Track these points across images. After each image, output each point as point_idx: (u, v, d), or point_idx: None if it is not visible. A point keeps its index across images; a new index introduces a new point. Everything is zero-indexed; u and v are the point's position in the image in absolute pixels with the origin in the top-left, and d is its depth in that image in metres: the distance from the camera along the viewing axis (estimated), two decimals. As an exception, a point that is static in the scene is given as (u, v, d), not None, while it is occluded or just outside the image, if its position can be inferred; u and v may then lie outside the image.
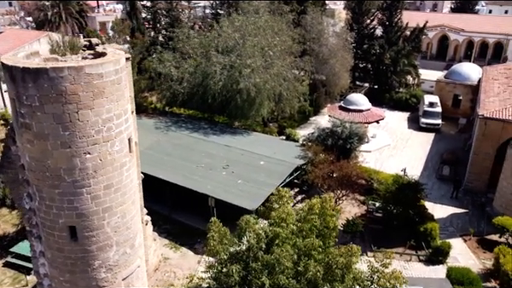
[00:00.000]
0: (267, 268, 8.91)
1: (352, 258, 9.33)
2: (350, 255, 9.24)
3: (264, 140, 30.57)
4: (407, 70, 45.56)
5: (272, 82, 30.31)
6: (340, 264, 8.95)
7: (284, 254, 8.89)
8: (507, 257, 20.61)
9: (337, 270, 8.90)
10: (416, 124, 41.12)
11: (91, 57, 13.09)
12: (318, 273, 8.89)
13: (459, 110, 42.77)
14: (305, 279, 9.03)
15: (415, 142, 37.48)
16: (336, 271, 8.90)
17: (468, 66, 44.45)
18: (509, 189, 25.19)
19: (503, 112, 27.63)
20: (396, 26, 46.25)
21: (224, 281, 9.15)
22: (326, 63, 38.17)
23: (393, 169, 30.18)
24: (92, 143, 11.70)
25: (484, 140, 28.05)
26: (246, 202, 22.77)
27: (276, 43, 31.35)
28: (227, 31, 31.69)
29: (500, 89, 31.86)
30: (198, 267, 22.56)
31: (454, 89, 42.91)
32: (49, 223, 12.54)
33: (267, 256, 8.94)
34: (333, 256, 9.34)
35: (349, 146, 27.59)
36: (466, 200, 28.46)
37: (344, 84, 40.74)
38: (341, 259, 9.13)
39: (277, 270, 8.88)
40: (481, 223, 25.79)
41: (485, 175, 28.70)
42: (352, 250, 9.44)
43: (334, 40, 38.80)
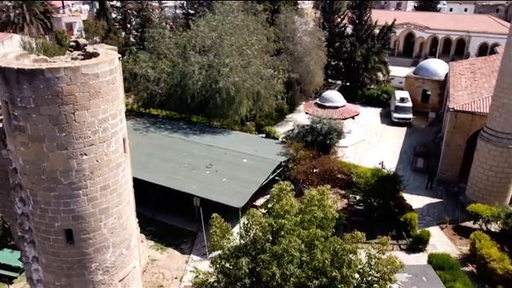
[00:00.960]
0: (276, 259, 9.19)
1: (358, 244, 9.77)
2: (355, 241, 9.66)
3: (244, 138, 30.80)
4: (378, 67, 46.94)
5: (251, 80, 30.58)
6: (346, 250, 9.35)
7: (293, 244, 9.21)
8: (482, 242, 21.74)
9: (344, 256, 9.29)
10: (388, 119, 42.44)
11: (81, 58, 12.93)
12: (326, 261, 9.25)
13: (428, 104, 44.45)
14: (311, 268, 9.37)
15: (388, 137, 38.70)
16: (343, 257, 9.29)
17: (435, 62, 46.24)
18: (480, 178, 26.51)
19: (471, 104, 29.04)
20: (366, 25, 47.53)
21: (234, 274, 9.34)
22: (301, 61, 38.80)
23: (370, 162, 31.16)
24: (89, 144, 11.60)
25: (455, 132, 29.38)
26: (232, 200, 22.96)
27: (253, 42, 31.62)
28: (204, 30, 31.68)
29: (467, 84, 33.42)
30: (186, 266, 22.57)
31: (423, 84, 44.56)
32: (44, 227, 12.32)
33: (276, 247, 9.21)
34: (339, 244, 9.74)
35: (329, 142, 28.27)
36: (440, 190, 29.73)
37: (318, 82, 41.54)
38: (348, 246, 9.54)
39: (285, 260, 9.18)
40: (456, 211, 27.03)
41: (457, 166, 30.08)
42: (356, 237, 9.86)
43: (308, 39, 39.46)
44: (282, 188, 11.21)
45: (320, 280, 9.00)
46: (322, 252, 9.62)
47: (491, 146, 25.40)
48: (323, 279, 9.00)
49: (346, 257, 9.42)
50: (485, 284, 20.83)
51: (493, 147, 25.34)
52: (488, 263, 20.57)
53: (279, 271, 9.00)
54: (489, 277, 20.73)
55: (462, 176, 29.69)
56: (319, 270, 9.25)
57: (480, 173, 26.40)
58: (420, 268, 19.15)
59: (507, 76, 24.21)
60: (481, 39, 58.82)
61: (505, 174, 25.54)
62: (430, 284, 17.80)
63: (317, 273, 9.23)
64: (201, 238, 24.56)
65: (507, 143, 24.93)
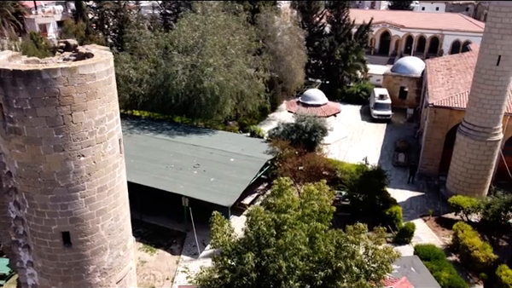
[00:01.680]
0: (281, 252, 9.39)
1: (361, 235, 10.09)
2: (358, 232, 9.97)
3: (229, 137, 30.90)
4: (357, 65, 47.81)
5: (235, 80, 30.70)
6: (350, 241, 9.64)
7: (298, 237, 9.43)
8: (465, 232, 22.58)
9: (348, 247, 9.58)
10: (368, 116, 43.34)
11: (74, 58, 12.79)
12: (331, 252, 9.52)
13: (406, 101, 45.63)
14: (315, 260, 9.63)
15: (369, 133, 39.55)
16: (347, 248, 9.58)
17: (411, 59, 47.48)
18: (460, 171, 27.46)
19: (449, 100, 30.03)
20: (344, 24, 48.31)
21: (241, 268, 9.48)
22: (282, 60, 39.17)
23: (353, 159, 31.81)
24: (86, 145, 11.50)
25: (434, 127, 30.31)
26: (221, 199, 23.06)
27: (236, 42, 31.75)
28: (186, 30, 31.58)
29: (444, 80, 34.52)
30: (177, 267, 22.54)
31: (400, 81, 45.69)
32: (40, 231, 12.12)
33: (281, 241, 9.41)
34: (342, 235, 10.03)
35: (314, 140, 28.69)
36: (421, 184, 30.64)
37: (300, 81, 42.02)
38: (351, 237, 9.83)
39: (291, 253, 9.39)
40: (437, 204, 27.93)
41: (437, 160, 31.05)
42: (359, 228, 10.17)
43: (288, 38, 39.86)
44: (282, 184, 11.43)
45: (325, 272, 9.25)
46: (325, 244, 9.93)
47: (470, 139, 26.34)
48: (329, 271, 9.27)
49: (350, 248, 9.72)
50: (469, 272, 21.65)
51: (472, 141, 26.28)
52: (471, 252, 21.37)
53: (285, 264, 9.22)
54: (472, 265, 21.55)
55: (442, 170, 30.69)
56: (323, 262, 9.52)
57: (460, 166, 27.34)
58: (408, 260, 19.69)
59: (483, 72, 25.15)
60: (454, 37, 60.70)
61: (483, 166, 26.53)
62: (419, 274, 18.36)
63: (321, 264, 9.49)
64: (190, 238, 24.58)
65: (484, 137, 25.91)
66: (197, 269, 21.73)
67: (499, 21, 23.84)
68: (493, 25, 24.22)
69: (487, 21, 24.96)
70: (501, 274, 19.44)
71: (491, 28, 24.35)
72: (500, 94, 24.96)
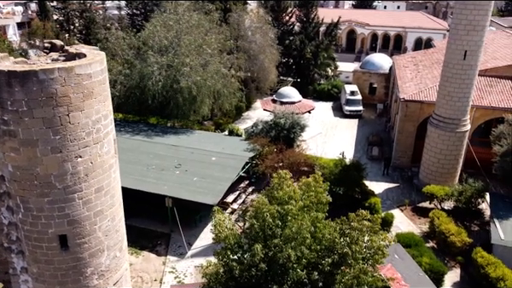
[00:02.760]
0: (288, 242, 9.70)
1: (364, 222, 10.55)
2: (360, 219, 10.42)
3: (208, 137, 30.93)
4: (327, 62, 48.88)
5: (212, 79, 30.74)
6: (353, 228, 10.07)
7: (305, 226, 9.76)
8: (441, 219, 23.70)
9: (353, 233, 10.02)
10: (340, 112, 44.42)
11: (63, 59, 12.61)
12: (336, 239, 9.92)
13: (375, 97, 47.08)
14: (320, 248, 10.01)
15: (342, 128, 40.56)
16: (352, 234, 10.01)
17: (379, 56, 49.03)
18: (432, 161, 28.73)
19: (419, 94, 31.33)
20: (313, 22, 49.23)
21: (250, 260, 9.71)
22: (255, 59, 39.50)
23: (329, 154, 32.60)
24: (83, 146, 11.40)
25: (406, 120, 31.54)
26: (206, 198, 23.11)
27: (212, 41, 31.80)
28: (160, 30, 31.32)
29: (412, 75, 35.94)
30: (164, 268, 22.42)
31: (369, 78, 47.10)
32: (36, 235, 11.89)
33: (287, 230, 9.72)
34: (345, 223, 10.46)
35: (292, 136, 29.19)
36: (395, 175, 31.81)
37: (273, 79, 42.47)
38: (355, 223, 10.27)
39: (298, 242, 9.72)
40: (412, 194, 29.10)
41: (410, 152, 32.33)
42: (361, 215, 10.63)
43: (261, 37, 40.25)
44: (281, 177, 11.74)
45: (332, 258, 9.65)
46: (330, 232, 10.35)
47: (440, 131, 27.63)
48: (335, 257, 9.67)
49: (355, 234, 10.16)
50: (446, 256, 22.73)
51: (442, 132, 27.57)
52: (448, 238, 22.48)
53: (294, 253, 9.54)
54: (449, 250, 22.66)
55: (414, 161, 31.97)
56: (328, 249, 9.92)
57: (432, 157, 28.60)
58: (391, 248, 20.45)
59: (451, 67, 26.43)
60: (416, 34, 63.10)
61: (454, 156, 27.88)
62: (402, 260, 19.16)
63: (326, 251, 9.88)
64: (176, 238, 24.49)
65: (454, 128, 27.25)
66: (185, 269, 22.12)
67: (464, 18, 25.14)
68: (459, 21, 25.50)
69: (453, 18, 26.27)
70: (476, 257, 20.55)
71: (457, 25, 25.64)
72: (467, 87, 26.32)
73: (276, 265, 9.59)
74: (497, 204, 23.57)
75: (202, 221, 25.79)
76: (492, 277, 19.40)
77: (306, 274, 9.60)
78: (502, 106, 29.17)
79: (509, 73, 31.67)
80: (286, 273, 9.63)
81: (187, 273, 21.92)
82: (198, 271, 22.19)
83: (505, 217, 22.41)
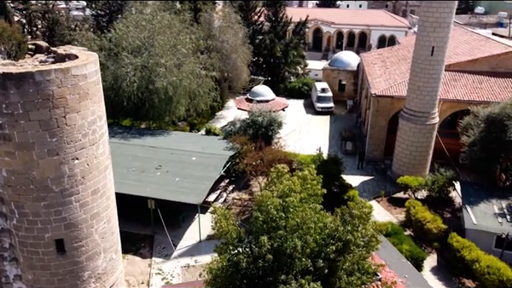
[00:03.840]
0: (294, 232, 10.03)
1: (364, 209, 11.03)
2: (361, 207, 10.91)
3: (186, 137, 30.84)
4: (297, 61, 49.69)
5: (187, 79, 30.65)
6: (354, 216, 10.53)
7: (309, 216, 10.12)
8: (417, 208, 24.80)
9: (355, 220, 10.48)
10: (312, 109, 45.31)
11: (52, 60, 12.40)
12: (339, 227, 10.35)
13: (344, 93, 48.34)
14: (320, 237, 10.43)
15: (315, 125, 41.42)
16: (355, 221, 10.47)
17: (347, 54, 50.34)
18: (404, 153, 29.93)
19: (389, 89, 32.55)
20: (282, 21, 49.88)
21: (257, 251, 9.96)
22: (228, 58, 39.64)
23: (306, 150, 33.31)
24: (80, 148, 11.27)
25: (378, 115, 32.69)
26: (190, 197, 23.13)
27: (187, 41, 31.69)
28: (133, 30, 30.88)
29: (381, 72, 37.23)
30: (150, 270, 22.24)
31: (338, 75, 48.30)
32: (31, 241, 11.63)
33: (293, 221, 10.05)
34: (346, 211, 10.91)
35: (271, 133, 29.60)
36: (370, 168, 32.90)
37: (245, 78, 42.75)
38: (355, 211, 10.74)
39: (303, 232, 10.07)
40: (386, 185, 30.21)
41: (382, 145, 33.51)
42: (362, 203, 11.13)
43: (233, 36, 40.44)
44: (279, 171, 12.07)
45: (336, 245, 10.06)
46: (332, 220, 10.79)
47: (412, 124, 28.85)
48: (339, 244, 10.09)
49: (357, 221, 10.62)
50: (423, 243, 23.82)
51: (413, 125, 28.80)
52: (424, 225, 23.57)
53: (300, 242, 9.88)
54: (425, 237, 23.77)
55: (386, 154, 33.20)
56: (331, 237, 10.33)
57: (404, 149, 29.81)
58: (373, 237, 21.31)
59: (420, 62, 27.67)
60: (380, 32, 65.14)
61: (424, 148, 29.18)
62: (385, 248, 19.92)
63: (330, 239, 10.29)
64: (159, 240, 24.34)
65: (424, 121, 28.53)
66: (172, 270, 22.06)
67: (431, 16, 26.39)
68: (426, 19, 26.75)
69: (420, 16, 27.51)
70: (452, 241, 21.73)
71: (425, 22, 26.88)
72: (435, 81, 27.63)
73: (284, 255, 9.90)
74: (467, 192, 24.92)
75: (185, 222, 25.77)
76: (468, 259, 20.59)
77: (311, 262, 9.97)
78: (466, 98, 30.80)
79: (471, 68, 33.44)
80: (292, 263, 9.96)
81: (174, 274, 21.85)
82: (185, 271, 22.27)
83: (475, 203, 23.76)
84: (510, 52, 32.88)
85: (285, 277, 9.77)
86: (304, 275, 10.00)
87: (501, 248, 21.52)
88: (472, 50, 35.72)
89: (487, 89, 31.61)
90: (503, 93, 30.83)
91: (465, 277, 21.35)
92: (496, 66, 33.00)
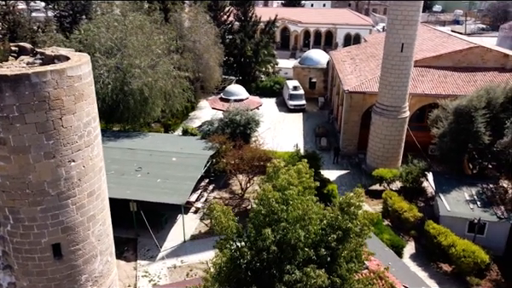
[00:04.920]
0: (296, 223, 10.36)
1: (360, 198, 11.51)
2: (357, 196, 11.37)
3: (163, 138, 30.65)
4: (268, 59, 50.22)
5: (163, 80, 30.44)
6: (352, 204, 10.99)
7: (310, 207, 10.47)
8: (393, 199, 25.81)
9: (352, 209, 10.93)
10: (284, 107, 45.98)
11: (40, 62, 12.13)
12: (339, 217, 10.77)
13: (315, 91, 49.33)
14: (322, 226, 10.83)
15: (289, 123, 42.10)
16: (353, 210, 10.93)
17: (316, 52, 51.36)
18: (378, 147, 31.02)
19: (361, 86, 33.59)
20: (251, 21, 50.25)
21: (261, 244, 10.21)
22: (200, 58, 39.60)
23: (283, 147, 33.83)
24: (76, 149, 11.12)
25: (351, 110, 33.67)
26: (174, 198, 23.09)
27: (161, 41, 31.44)
28: (105, 31, 30.31)
29: (351, 69, 38.32)
30: (136, 273, 22.01)
31: (309, 73, 49.22)
32: (27, 247, 11.35)
33: (295, 213, 10.37)
34: (344, 200, 11.34)
35: (249, 132, 29.89)
36: (345, 163, 33.85)
37: (218, 78, 42.83)
38: (353, 200, 11.19)
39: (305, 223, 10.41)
40: (362, 178, 31.20)
41: (355, 140, 34.55)
42: (357, 192, 11.60)
43: (205, 36, 40.41)
44: (275, 165, 12.37)
45: (337, 234, 10.48)
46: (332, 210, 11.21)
47: (384, 118, 29.94)
48: (339, 233, 10.51)
49: (356, 209, 11.09)
50: (400, 232, 24.82)
51: (386, 119, 29.90)
52: (401, 215, 24.58)
53: (303, 233, 10.23)
54: (403, 226, 24.78)
55: (360, 148, 34.28)
56: (331, 226, 10.74)
57: (377, 142, 30.89)
58: (355, 228, 22.03)
59: (390, 59, 28.76)
60: (346, 30, 66.86)
61: (397, 141, 30.35)
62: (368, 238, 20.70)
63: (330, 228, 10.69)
64: (143, 242, 24.13)
65: (396, 115, 29.68)
66: (158, 271, 21.97)
67: (400, 14, 27.51)
68: (395, 17, 27.84)
69: (390, 14, 28.59)
70: (429, 229, 22.81)
71: (394, 20, 27.97)
72: (405, 76, 28.82)
73: (287, 246, 10.22)
74: (439, 181, 26.19)
75: (168, 223, 25.65)
76: (444, 245, 21.69)
77: (314, 252, 10.34)
78: (433, 92, 32.28)
79: (436, 63, 35.05)
80: (295, 253, 10.30)
81: (161, 275, 21.76)
82: (172, 271, 22.19)
83: (447, 192, 25.03)
84: (471, 48, 34.73)
85: (290, 267, 10.08)
86: (306, 264, 10.35)
87: (473, 232, 22.76)
88: (436, 47, 37.43)
89: (452, 83, 33.24)
90: (466, 86, 32.52)
91: (442, 261, 22.47)
92: (458, 62, 34.75)
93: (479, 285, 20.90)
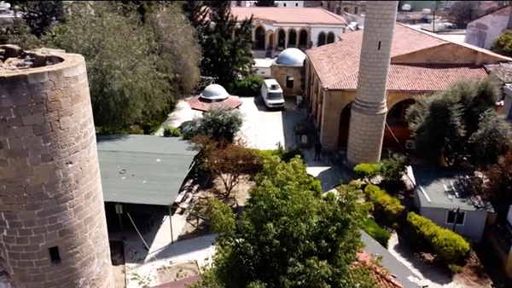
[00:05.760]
0: (298, 216, 10.63)
1: (358, 190, 11.88)
2: (353, 188, 11.75)
3: (146, 139, 30.38)
4: (245, 59, 50.39)
5: (143, 81, 30.15)
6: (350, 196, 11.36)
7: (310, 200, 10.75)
8: (376, 193, 26.53)
9: (352, 201, 11.30)
10: (263, 106, 46.29)
11: (30, 64, 11.94)
12: (338, 208, 11.10)
13: (293, 89, 49.89)
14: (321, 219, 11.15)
15: (269, 121, 42.44)
16: (351, 201, 11.29)
17: (293, 51, 51.90)
18: (358, 143, 31.75)
19: (339, 83, 34.28)
20: (228, 20, 50.29)
21: (263, 239, 10.41)
22: (179, 59, 39.37)
23: (265, 145, 34.13)
24: (73, 151, 11.03)
25: (330, 108, 34.31)
26: (161, 199, 22.97)
27: (141, 42, 31.11)
28: (82, 32, 29.73)
29: (329, 67, 39.01)
30: (125, 276, 21.79)
31: (286, 71, 49.72)
32: (24, 251, 11.17)
33: (296, 206, 10.64)
34: (343, 193, 11.68)
35: (232, 131, 30.01)
36: (326, 159, 34.46)
37: (196, 78, 42.70)
38: (351, 192, 11.56)
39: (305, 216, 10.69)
40: (343, 174, 31.85)
41: (335, 137, 35.23)
42: (354, 184, 11.95)
43: (182, 37, 40.20)
44: (271, 161, 12.61)
45: (337, 225, 10.81)
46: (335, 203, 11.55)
47: (364, 115, 30.68)
48: (339, 224, 10.84)
49: (354, 201, 11.46)
50: (383, 224, 25.54)
51: (365, 116, 30.65)
52: (384, 207, 25.30)
53: (304, 225, 10.51)
54: (385, 218, 25.51)
55: (340, 145, 34.98)
56: (330, 218, 11.07)
57: (357, 138, 31.62)
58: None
59: (368, 56, 29.50)
60: (320, 29, 67.83)
61: (376, 136, 31.16)
62: (354, 231, 21.25)
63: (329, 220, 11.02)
64: (130, 245, 23.90)
65: (375, 111, 30.47)
66: (147, 273, 21.85)
67: (377, 12, 28.26)
68: (372, 15, 28.59)
69: (367, 13, 29.33)
70: (411, 220, 23.60)
71: (371, 19, 28.71)
72: (383, 73, 29.63)
73: (289, 239, 10.48)
74: (418, 174, 27.09)
75: (154, 225, 25.48)
76: (427, 235, 22.51)
77: (315, 244, 10.64)
78: (409, 88, 33.31)
79: (410, 60, 36.15)
80: (297, 246, 10.57)
81: (150, 277, 21.63)
82: (161, 273, 22.09)
83: (427, 184, 25.93)
84: (443, 45, 36.03)
85: (293, 259, 10.35)
86: (307, 256, 10.64)
87: (452, 222, 23.71)
88: (409, 44, 38.60)
89: (426, 79, 34.40)
90: (439, 82, 33.72)
91: (424, 251, 23.29)
92: (431, 58, 35.97)
93: (460, 271, 21.81)
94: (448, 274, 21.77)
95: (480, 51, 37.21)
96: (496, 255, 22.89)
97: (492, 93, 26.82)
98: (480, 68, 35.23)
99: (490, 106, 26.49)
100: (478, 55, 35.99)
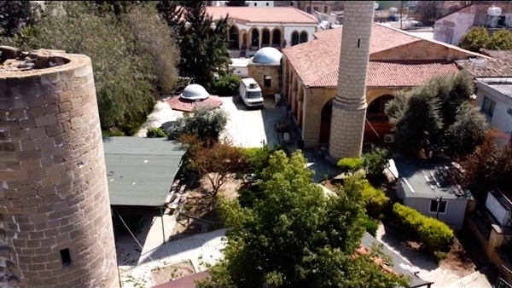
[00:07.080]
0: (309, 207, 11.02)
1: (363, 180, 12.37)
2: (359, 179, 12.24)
3: (130, 141, 30.07)
4: (222, 59, 50.47)
5: (125, 82, 29.81)
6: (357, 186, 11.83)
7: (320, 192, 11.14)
8: (361, 185, 27.29)
9: (359, 190, 11.79)
10: (242, 105, 46.56)
11: (33, 65, 11.80)
12: (346, 198, 11.55)
13: (271, 88, 50.39)
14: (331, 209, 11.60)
15: (249, 120, 42.75)
16: (358, 191, 11.77)
17: (269, 50, 52.38)
18: (340, 138, 32.54)
19: (320, 81, 35.00)
20: (203, 20, 50.23)
21: (277, 230, 10.72)
22: (157, 59, 39.07)
23: (250, 144, 34.43)
24: (84, 152, 11.00)
25: (312, 105, 34.97)
26: (152, 200, 22.87)
27: (122, 42, 30.72)
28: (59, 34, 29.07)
29: (307, 65, 39.71)
30: (120, 278, 21.50)
31: (263, 70, 50.17)
32: (35, 255, 11.04)
33: (307, 197, 11.01)
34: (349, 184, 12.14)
35: (217, 130, 30.13)
36: (308, 156, 35.01)
37: (175, 78, 42.49)
38: (357, 182, 12.04)
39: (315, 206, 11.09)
40: (326, 169, 32.59)
41: (317, 133, 35.93)
42: (359, 175, 12.44)
43: (160, 37, 39.92)
44: (277, 155, 12.94)
45: (346, 214, 11.26)
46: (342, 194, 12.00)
47: (345, 111, 31.49)
48: (348, 213, 11.30)
49: (361, 191, 11.94)
50: (370, 216, 26.33)
51: (346, 112, 31.47)
52: (370, 200, 26.09)
53: (317, 215, 10.90)
54: (372, 210, 26.28)
55: (321, 141, 35.71)
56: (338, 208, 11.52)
57: (339, 134, 32.40)
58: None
59: (348, 54, 30.30)
60: (293, 28, 68.68)
61: (357, 131, 32.04)
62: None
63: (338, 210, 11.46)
64: (121, 247, 23.55)
65: (355, 107, 31.33)
66: (142, 275, 21.77)
67: (355, 11, 29.08)
68: (351, 14, 29.39)
69: (346, 11, 30.12)
70: (397, 210, 24.51)
71: (350, 17, 29.51)
72: (362, 70, 30.51)
73: (302, 229, 10.85)
74: (400, 166, 28.11)
75: (144, 226, 25.31)
76: (413, 224, 23.45)
77: (326, 232, 11.07)
78: (386, 84, 34.43)
79: (385, 57, 37.33)
80: (309, 236, 10.96)
81: (145, 278, 21.54)
82: (156, 273, 22.01)
83: (409, 175, 26.96)
84: (416, 42, 37.42)
85: (306, 249, 10.73)
86: (318, 246, 11.05)
87: (435, 210, 24.78)
88: (384, 42, 39.82)
89: (402, 74, 35.64)
90: (414, 78, 35.02)
91: (410, 240, 24.25)
92: (405, 55, 37.28)
93: (445, 257, 22.86)
94: (434, 261, 22.76)
95: (451, 47, 38.86)
96: (477, 240, 24.11)
97: (466, 87, 28.17)
98: (451, 64, 36.81)
99: (465, 100, 27.81)
100: (449, 51, 37.58)
